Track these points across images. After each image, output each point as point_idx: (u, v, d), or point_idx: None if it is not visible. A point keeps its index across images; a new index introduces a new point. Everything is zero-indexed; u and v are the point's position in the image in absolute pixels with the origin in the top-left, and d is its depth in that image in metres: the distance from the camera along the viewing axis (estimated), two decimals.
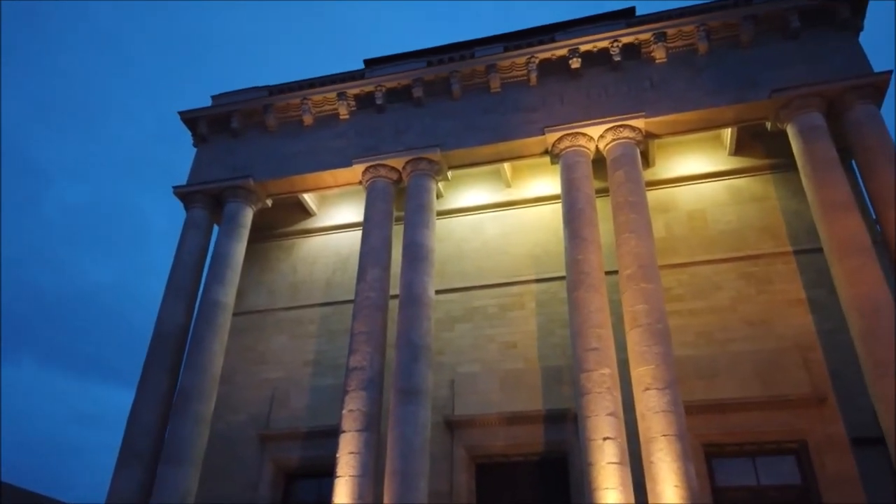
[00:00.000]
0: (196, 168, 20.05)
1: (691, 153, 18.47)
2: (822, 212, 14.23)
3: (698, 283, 16.43)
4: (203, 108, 20.42)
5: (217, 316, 16.90)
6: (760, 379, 14.73)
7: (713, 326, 15.77)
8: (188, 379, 15.87)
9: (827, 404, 14.04)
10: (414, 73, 18.86)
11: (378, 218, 17.27)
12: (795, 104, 15.66)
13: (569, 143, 16.74)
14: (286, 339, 18.89)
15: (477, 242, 18.85)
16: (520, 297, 17.54)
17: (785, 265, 16.10)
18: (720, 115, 16.45)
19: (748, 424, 14.31)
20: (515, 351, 16.77)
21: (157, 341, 16.84)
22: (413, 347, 14.84)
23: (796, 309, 15.46)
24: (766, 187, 17.37)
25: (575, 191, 15.98)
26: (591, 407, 12.96)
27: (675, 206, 17.78)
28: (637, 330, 13.63)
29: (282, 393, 17.89)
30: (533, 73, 17.99)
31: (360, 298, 16.01)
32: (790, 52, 16.67)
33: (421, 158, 17.73)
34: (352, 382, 14.73)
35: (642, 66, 17.55)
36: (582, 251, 15.00)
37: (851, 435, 13.58)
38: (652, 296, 13.92)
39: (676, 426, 12.35)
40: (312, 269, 19.98)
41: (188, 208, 19.20)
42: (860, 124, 15.04)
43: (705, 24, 17.09)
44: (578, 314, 14.20)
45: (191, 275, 17.93)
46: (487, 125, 17.90)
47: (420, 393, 14.29)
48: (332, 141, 19.12)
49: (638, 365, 13.30)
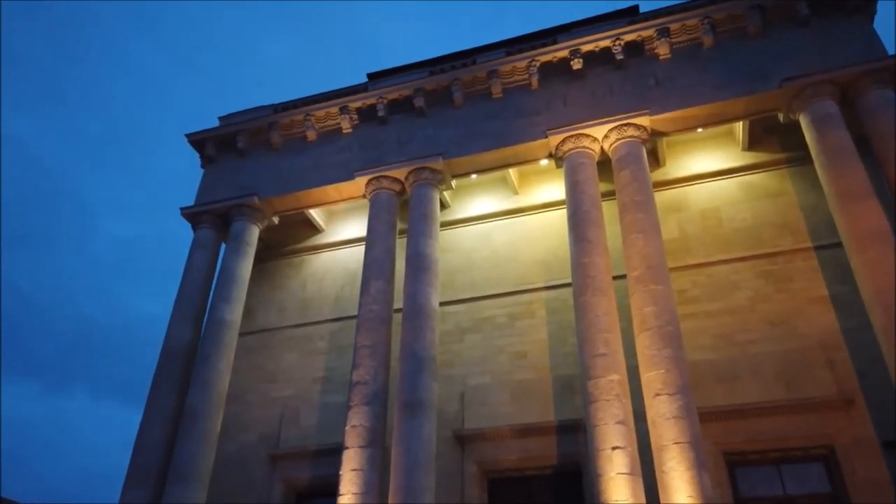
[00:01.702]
0: (203, 189, 20.10)
1: (703, 151, 17.89)
2: (839, 202, 13.51)
3: (715, 284, 15.77)
4: (209, 130, 20.51)
5: (223, 334, 16.77)
6: (783, 381, 13.99)
7: (732, 328, 15.08)
8: (194, 397, 15.72)
9: (855, 406, 13.23)
10: (415, 83, 18.67)
11: (381, 230, 17.02)
12: (807, 93, 15.01)
13: (572, 144, 16.30)
14: (296, 356, 18.67)
15: (486, 251, 18.47)
16: (530, 305, 17.07)
17: (805, 262, 15.36)
18: (730, 109, 15.86)
19: (772, 430, 13.56)
20: (526, 361, 16.26)
21: (164, 360, 16.79)
22: (417, 360, 14.45)
23: (818, 307, 14.70)
24: (783, 182, 16.67)
25: (579, 193, 15.52)
26: (600, 415, 12.38)
27: (687, 205, 17.18)
28: (646, 333, 13.04)
29: (291, 411, 17.63)
30: (534, 76, 17.63)
31: (364, 311, 15.72)
32: (801, 40, 16.04)
33: (423, 168, 17.46)
34: (355, 397, 14.39)
35: (647, 64, 17.07)
36: (588, 254, 14.50)
37: (882, 438, 12.74)
38: (661, 297, 13.33)
39: (689, 433, 11.69)
40: (321, 285, 19.79)
41: (195, 229, 19.23)
42: (876, 110, 14.32)
43: (710, 17, 16.57)
44: (585, 319, 13.67)
45: (198, 294, 17.88)
46: (490, 131, 17.58)
47: (424, 406, 13.87)
48: (336, 155, 18.99)
49: (648, 370, 12.70)
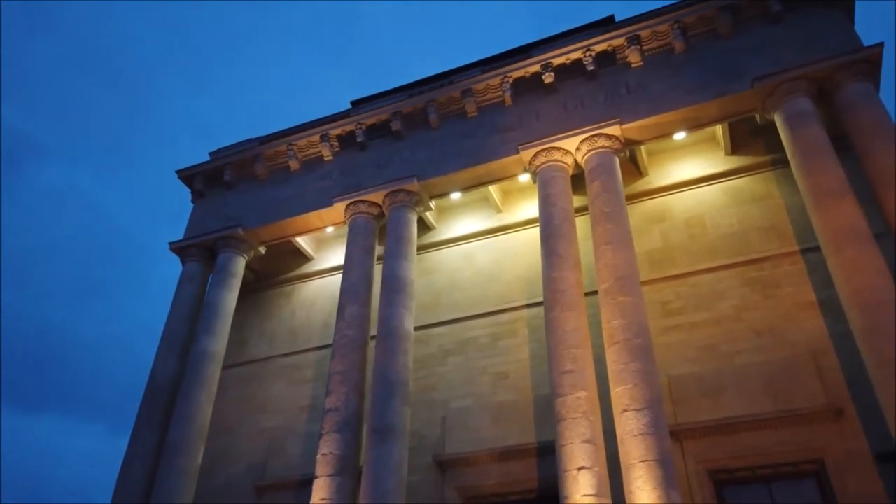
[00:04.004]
0: (191, 223, 20.34)
1: (687, 158, 17.38)
2: (814, 201, 12.86)
3: (699, 294, 15.15)
4: (199, 165, 20.84)
5: (206, 366, 16.75)
6: (771, 393, 13.26)
7: (717, 339, 14.42)
8: (175, 432, 15.67)
9: (845, 416, 12.43)
10: (392, 106, 18.67)
11: (357, 254, 16.90)
12: (781, 91, 14.44)
13: (544, 158, 16.00)
14: (284, 385, 18.56)
15: (470, 271, 18.19)
16: (512, 324, 16.67)
17: (792, 266, 14.66)
18: (703, 113, 15.39)
19: (760, 445, 12.82)
20: (508, 381, 15.84)
21: (148, 395, 16.82)
22: (388, 384, 14.16)
23: (807, 312, 13.96)
24: (768, 185, 16.04)
25: (550, 206, 15.16)
26: (567, 434, 11.86)
27: (671, 214, 16.65)
28: (614, 347, 12.51)
29: (278, 441, 17.45)
30: (507, 92, 17.45)
31: (338, 337, 15.54)
32: (776, 37, 15.51)
33: (399, 190, 17.34)
34: (326, 425, 14.14)
35: (620, 73, 16.73)
36: (557, 269, 14.09)
37: (875, 450, 11.88)
38: (630, 309, 12.80)
39: (657, 450, 11.07)
40: (310, 313, 19.72)
41: (184, 263, 19.42)
42: (853, 104, 13.66)
43: (680, 21, 16.19)
44: (553, 335, 13.22)
45: (183, 328, 17.94)
46: (466, 150, 17.40)
47: (394, 432, 13.53)
48: (318, 182, 19.05)
49: (616, 385, 12.15)
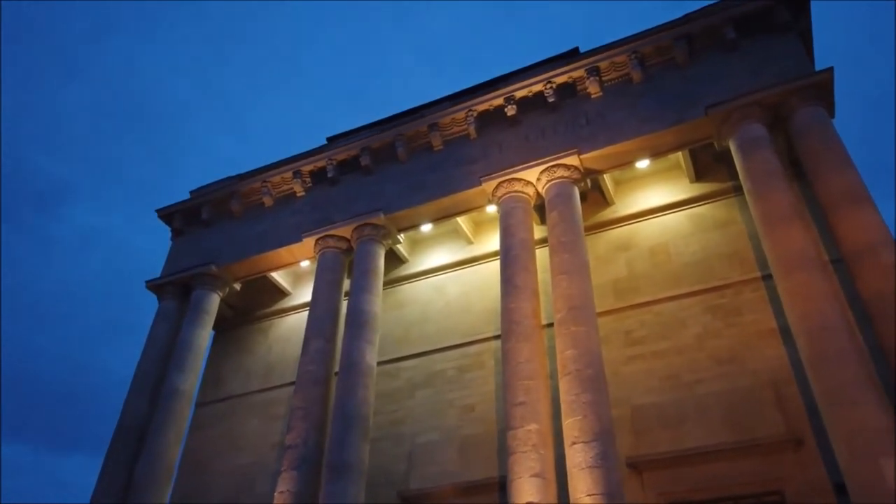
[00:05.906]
0: (169, 261, 20.59)
1: (653, 186, 17.39)
2: (765, 226, 12.80)
3: (662, 322, 15.03)
4: (177, 203, 21.17)
5: (175, 403, 16.80)
6: (731, 423, 13.03)
7: (679, 368, 14.24)
8: (142, 469, 15.70)
9: (805, 446, 12.17)
10: (361, 142, 18.93)
11: (324, 288, 16.98)
12: (735, 117, 14.49)
13: (505, 189, 16.10)
14: (257, 422, 18.53)
15: (441, 303, 18.19)
16: (479, 356, 16.61)
17: (754, 292, 14.52)
18: (660, 141, 15.45)
19: (721, 476, 12.55)
20: (474, 414, 15.72)
21: (118, 433, 16.85)
22: (347, 419, 14.11)
23: (768, 340, 13.77)
24: (731, 211, 15.99)
25: (509, 237, 15.21)
26: (516, 468, 11.72)
27: (636, 242, 16.61)
28: (566, 378, 12.41)
29: (248, 479, 17.38)
30: (472, 125, 17.65)
31: (301, 372, 15.55)
32: (731, 65, 15.62)
33: (366, 224, 17.49)
34: (285, 462, 14.08)
35: (580, 104, 16.89)
36: (514, 299, 14.08)
37: (834, 479, 11.58)
38: (582, 340, 12.72)
39: (604, 483, 10.89)
40: (285, 349, 19.75)
41: (160, 300, 19.61)
42: (804, 128, 13.66)
43: (637, 51, 16.36)
44: (508, 367, 13.18)
45: (155, 366, 18.02)
46: (431, 183, 17.56)
47: (350, 468, 13.43)
48: (290, 218, 19.26)
49: (566, 416, 12.02)
